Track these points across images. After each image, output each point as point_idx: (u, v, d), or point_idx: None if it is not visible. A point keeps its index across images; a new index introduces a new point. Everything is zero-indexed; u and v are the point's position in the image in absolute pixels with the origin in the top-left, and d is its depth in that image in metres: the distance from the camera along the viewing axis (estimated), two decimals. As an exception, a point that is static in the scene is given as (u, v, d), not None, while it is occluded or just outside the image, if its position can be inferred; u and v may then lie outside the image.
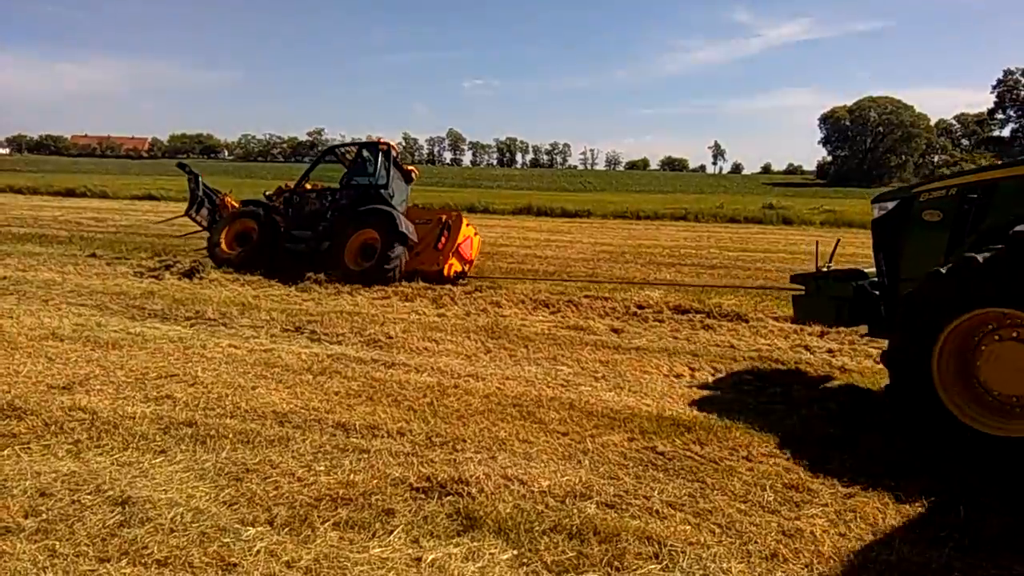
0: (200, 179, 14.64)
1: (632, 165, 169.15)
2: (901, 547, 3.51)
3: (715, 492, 4.12)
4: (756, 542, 3.53)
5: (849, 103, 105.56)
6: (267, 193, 13.93)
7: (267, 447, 4.59)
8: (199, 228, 14.60)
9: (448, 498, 3.91)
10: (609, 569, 3.26)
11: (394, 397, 5.67)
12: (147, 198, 34.66)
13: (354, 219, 11.75)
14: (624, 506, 3.89)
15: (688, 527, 3.67)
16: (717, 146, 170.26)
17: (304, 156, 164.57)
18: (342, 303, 9.55)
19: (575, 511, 3.78)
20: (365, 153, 12.69)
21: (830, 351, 7.68)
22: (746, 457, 4.66)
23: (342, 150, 13.58)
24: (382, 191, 12.14)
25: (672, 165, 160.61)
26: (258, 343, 7.33)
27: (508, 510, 3.74)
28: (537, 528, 3.58)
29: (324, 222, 12.23)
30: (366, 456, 4.46)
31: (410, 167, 13.70)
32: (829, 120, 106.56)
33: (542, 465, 4.43)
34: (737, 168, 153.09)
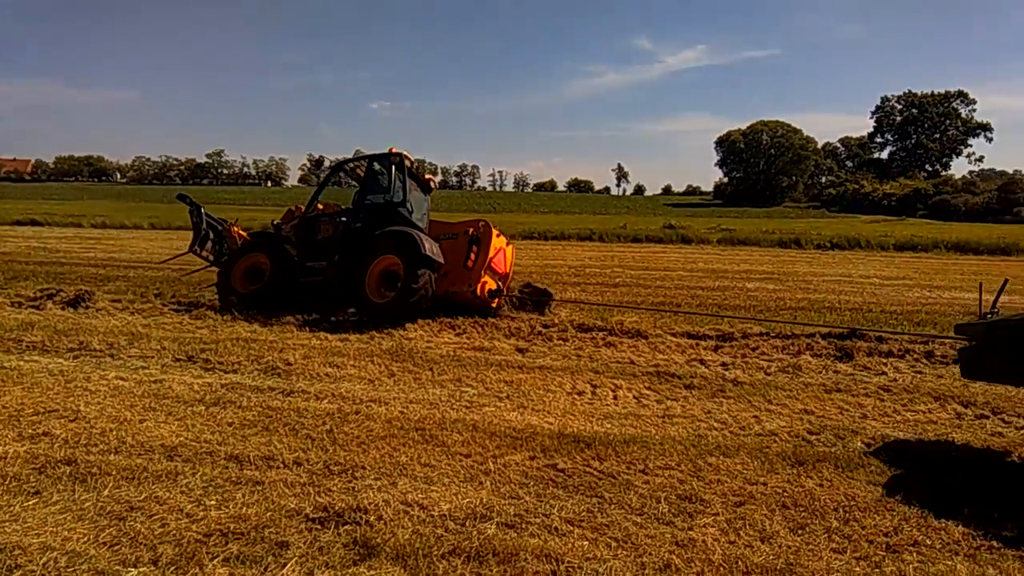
0: (203, 211, 12.85)
1: (540, 187, 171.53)
2: (787, 552, 3.67)
3: (612, 506, 4.20)
4: (650, 553, 3.61)
5: (743, 127, 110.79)
6: (275, 222, 12.41)
7: (154, 483, 4.37)
8: (206, 264, 12.96)
9: (345, 527, 3.83)
10: (507, 589, 3.26)
11: (291, 426, 5.52)
12: (30, 223, 32.66)
13: (371, 244, 10.33)
14: (524, 525, 3.91)
15: (586, 542, 3.72)
16: (620, 168, 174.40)
17: (203, 178, 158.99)
18: (239, 330, 9.22)
19: (474, 533, 3.77)
20: (376, 167, 11.37)
21: (723, 364, 7.98)
22: (643, 471, 4.78)
23: (350, 166, 12.05)
24: (400, 209, 10.74)
25: (578, 187, 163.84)
26: (147, 374, 6.99)
27: (407, 536, 3.70)
28: (436, 552, 3.54)
29: (338, 251, 10.81)
30: (260, 488, 4.31)
31: (429, 176, 12.30)
32: (725, 143, 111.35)
33: (443, 488, 4.40)
34: (640, 190, 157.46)
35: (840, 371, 7.71)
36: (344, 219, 11.10)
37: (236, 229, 12.65)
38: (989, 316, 5.54)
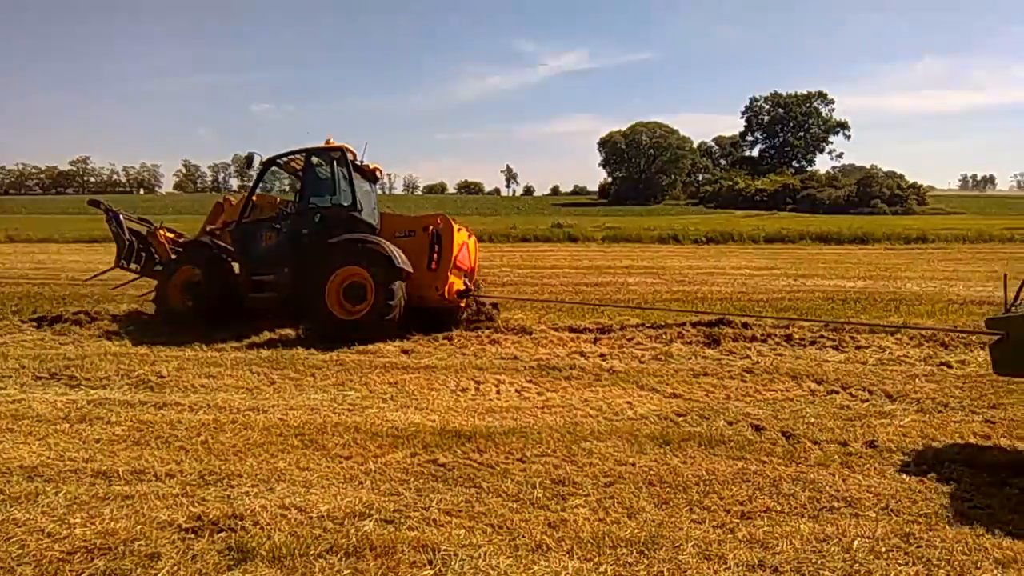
0: (121, 218, 11.55)
1: (430, 189, 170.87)
2: (651, 524, 3.91)
3: (490, 495, 4.33)
4: (524, 536, 3.77)
5: (624, 128, 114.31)
6: (209, 227, 11.18)
7: (11, 505, 4.14)
8: (135, 277, 11.64)
9: (220, 535, 3.77)
10: (383, 581, 3.32)
11: (164, 439, 5.35)
12: None
13: (329, 255, 9.40)
14: (402, 519, 3.98)
15: (463, 531, 3.83)
16: (509, 170, 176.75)
17: (67, 187, 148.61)
18: (107, 344, 8.78)
19: (352, 531, 3.81)
20: (315, 161, 10.27)
21: (602, 355, 8.30)
22: (520, 459, 4.94)
23: (284, 159, 10.58)
24: (354, 214, 9.88)
25: (468, 188, 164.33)
26: (4, 395, 6.57)
27: (283, 538, 3.69)
28: (312, 552, 3.56)
29: (287, 262, 9.81)
30: (130, 502, 4.18)
31: (374, 165, 10.94)
32: (607, 144, 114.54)
33: (322, 491, 4.40)
34: (529, 190, 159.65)
35: (708, 356, 8.19)
36: (285, 224, 10.12)
37: (163, 233, 11.44)
38: (1013, 309, 5.27)
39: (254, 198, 10.65)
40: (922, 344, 8.46)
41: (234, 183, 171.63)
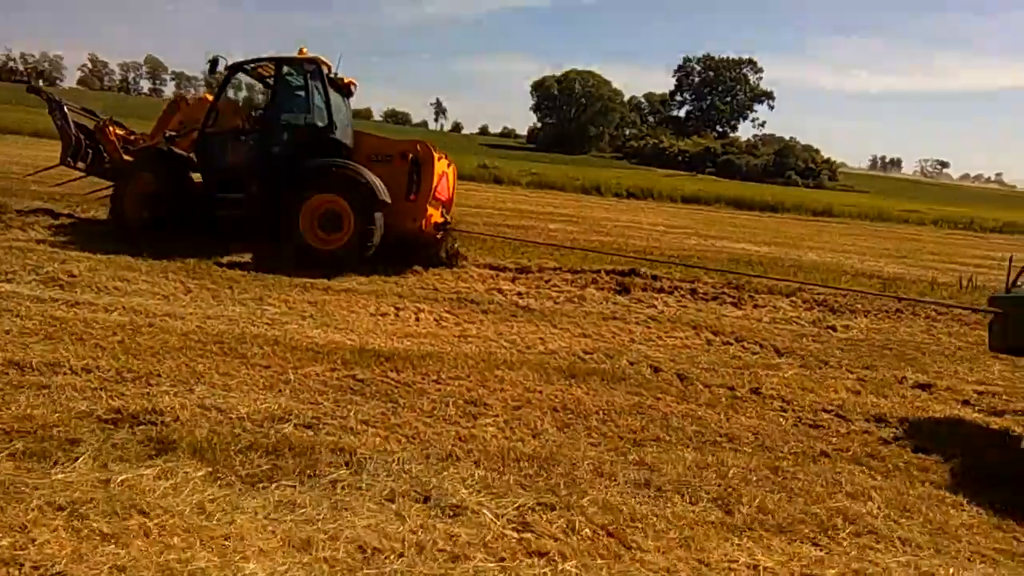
0: (65, 108, 10.53)
1: (355, 114, 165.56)
2: (552, 444, 4.26)
3: (405, 410, 4.59)
4: (436, 447, 4.05)
5: (559, 74, 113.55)
6: (168, 133, 10.21)
7: (-81, 389, 4.12)
8: (80, 175, 10.95)
9: (140, 427, 3.89)
10: (302, 476, 3.54)
11: (79, 336, 5.33)
12: None
13: (304, 180, 8.91)
14: (321, 426, 4.19)
15: (378, 439, 4.08)
16: (439, 103, 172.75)
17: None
18: (12, 237, 8.48)
19: (272, 432, 3.99)
20: (286, 71, 9.56)
21: (519, 294, 8.61)
22: (436, 380, 5.20)
23: (252, 66, 9.91)
24: (332, 135, 9.35)
25: (395, 118, 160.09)
26: (-99, 281, 6.33)
27: (204, 434, 3.84)
28: (233, 448, 3.74)
29: (256, 180, 9.19)
30: (46, 391, 4.22)
31: (349, 79, 10.20)
32: (540, 88, 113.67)
33: (242, 395, 4.54)
34: (457, 127, 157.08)
35: (618, 303, 8.62)
36: (254, 138, 9.48)
37: (113, 129, 10.62)
38: (1015, 289, 5.46)
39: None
40: (813, 308, 9.14)
41: (145, 85, 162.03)
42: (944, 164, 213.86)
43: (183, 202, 9.40)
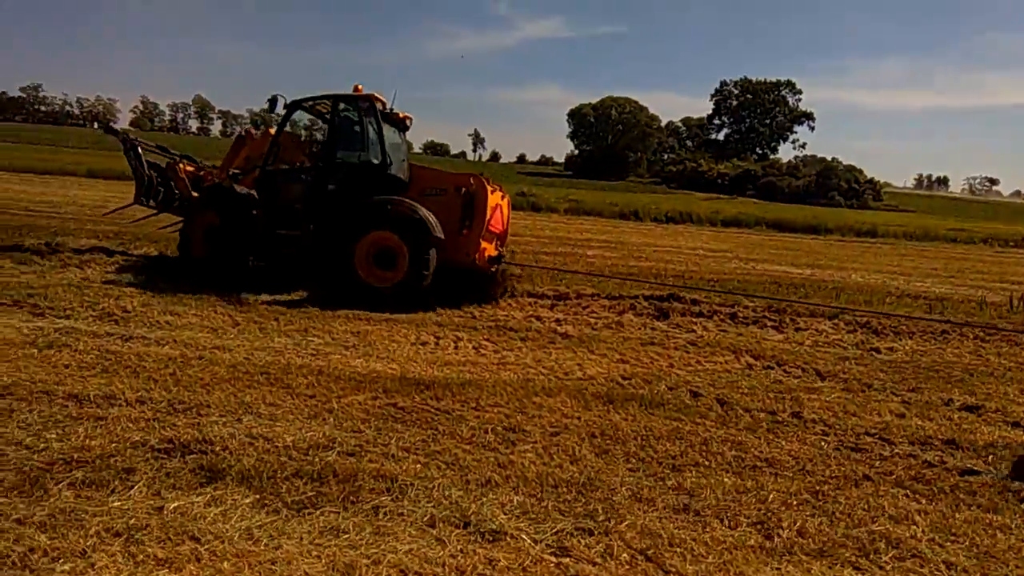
0: (140, 149, 10.79)
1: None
2: (590, 470, 4.30)
3: (445, 437, 4.67)
4: (475, 473, 4.12)
5: (594, 101, 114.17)
6: (232, 170, 10.48)
7: (-14, 421, 4.34)
8: (152, 213, 11.24)
9: (191, 456, 4.04)
10: (345, 503, 3.64)
11: (132, 368, 5.55)
12: None
13: (359, 218, 8.99)
14: (363, 453, 4.29)
15: (419, 465, 4.17)
16: (477, 134, 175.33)
17: (15, 114, 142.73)
18: (69, 276, 8.86)
19: (317, 460, 4.11)
20: (342, 108, 9.69)
21: (557, 321, 8.67)
22: (475, 408, 5.28)
23: (310, 103, 10.05)
24: (388, 171, 9.41)
25: (435, 149, 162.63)
26: (-32, 319, 6.67)
27: (252, 463, 3.97)
28: (280, 475, 3.86)
29: (312, 217, 9.35)
30: (103, 423, 4.41)
31: (404, 114, 10.35)
32: (576, 115, 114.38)
33: (287, 424, 4.68)
34: (495, 156, 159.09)
35: (656, 328, 8.62)
36: (311, 175, 9.66)
37: (184, 167, 10.87)
38: None
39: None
40: (856, 330, 9.01)
41: (193, 124, 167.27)
42: (994, 181, 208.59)
43: (245, 240, 9.51)
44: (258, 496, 3.63)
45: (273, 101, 9.64)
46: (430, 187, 9.60)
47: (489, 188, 9.52)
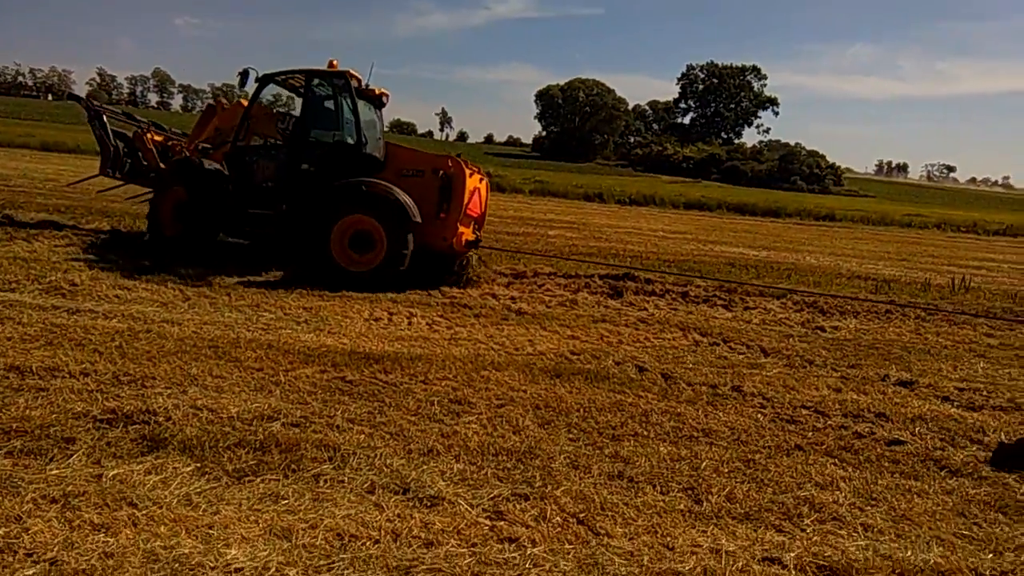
0: (104, 117, 10.47)
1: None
2: (532, 440, 4.40)
3: (391, 409, 4.73)
4: (418, 443, 4.19)
5: (563, 82, 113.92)
6: (200, 143, 10.18)
7: (-77, 392, 4.30)
8: (118, 184, 10.95)
9: (134, 426, 4.05)
10: (286, 471, 3.69)
11: (78, 341, 5.51)
12: None
13: (335, 200, 8.77)
14: (308, 424, 4.34)
15: (363, 436, 4.23)
16: (444, 113, 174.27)
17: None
18: (16, 249, 8.69)
19: (260, 430, 4.14)
20: (316, 84, 9.45)
21: (512, 299, 8.76)
22: (423, 381, 5.35)
23: (282, 77, 9.69)
24: (363, 151, 9.18)
25: (401, 128, 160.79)
26: (-92, 291, 6.53)
27: (195, 432, 3.99)
28: (222, 444, 3.89)
29: (285, 197, 9.13)
30: (44, 394, 4.38)
31: (381, 90, 9.98)
32: (544, 97, 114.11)
33: (233, 396, 4.70)
34: (463, 136, 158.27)
35: (609, 306, 8.77)
36: (284, 154, 9.43)
37: (152, 136, 10.51)
38: None
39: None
40: (803, 310, 9.26)
41: (153, 98, 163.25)
42: (951, 168, 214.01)
43: (214, 216, 9.38)
44: (199, 464, 3.66)
45: (244, 75, 9.38)
46: (407, 168, 9.34)
47: (467, 171, 9.32)
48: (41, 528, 2.96)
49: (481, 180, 9.91)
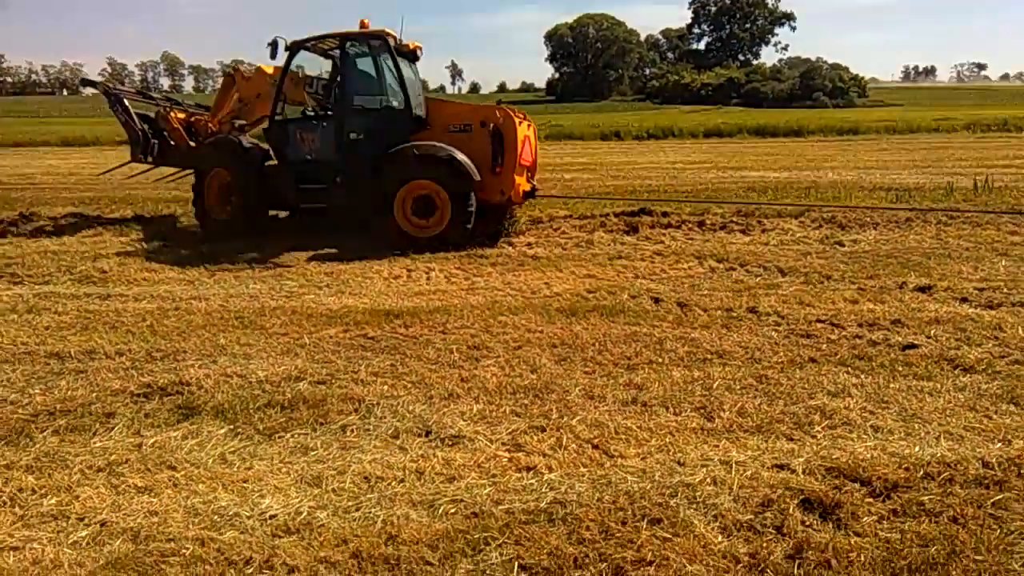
0: (125, 100, 10.33)
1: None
2: (548, 376, 4.54)
3: (413, 360, 4.90)
4: (439, 389, 4.36)
5: (571, 20, 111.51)
6: (238, 122, 10.06)
7: (-28, 383, 4.57)
8: (149, 167, 10.94)
9: (169, 397, 4.28)
10: (314, 425, 3.89)
11: (111, 324, 5.76)
12: None
13: (394, 167, 8.62)
14: (333, 381, 4.53)
15: (386, 387, 4.40)
16: (454, 65, 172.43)
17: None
18: (45, 243, 9.00)
19: (288, 390, 4.34)
20: (353, 51, 9.15)
21: (528, 244, 8.86)
22: (442, 331, 5.51)
23: (313, 43, 9.43)
24: (414, 115, 9.04)
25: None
26: (-50, 293, 6.84)
27: (226, 398, 4.21)
28: (252, 406, 4.10)
29: (338, 169, 8.98)
30: (84, 375, 4.63)
31: (415, 44, 9.58)
32: (553, 37, 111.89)
33: (261, 361, 4.90)
34: (475, 88, 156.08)
35: (626, 243, 8.82)
36: (328, 124, 9.20)
37: (175, 115, 10.43)
38: None
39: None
40: (821, 226, 9.20)
41: (164, 83, 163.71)
42: (982, 66, 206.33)
43: (264, 195, 9.34)
44: (232, 426, 3.87)
45: (275, 45, 9.11)
46: (453, 123, 9.07)
47: (516, 119, 9.08)
48: (90, 495, 3.19)
49: (530, 127, 9.61)
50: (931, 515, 2.91)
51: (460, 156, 8.59)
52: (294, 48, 9.26)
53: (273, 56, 9.23)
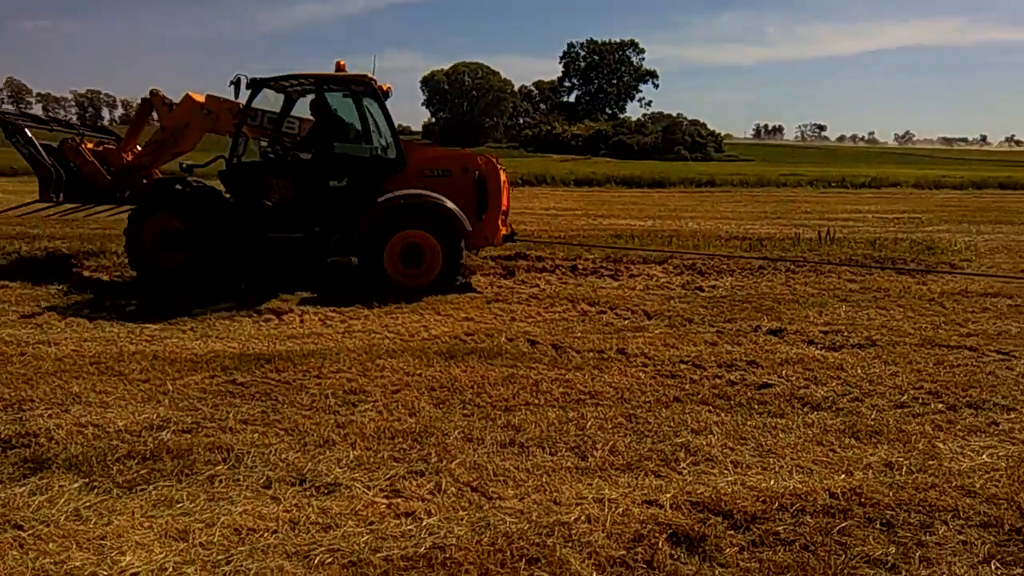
0: (29, 133, 8.95)
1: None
2: (427, 420, 4.54)
3: (285, 406, 4.76)
4: (314, 435, 4.26)
5: (447, 67, 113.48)
6: (185, 163, 9.30)
7: None
8: (53, 203, 9.25)
9: (14, 451, 3.94)
10: (180, 476, 3.70)
11: (-56, 372, 5.25)
12: None
13: (384, 219, 8.33)
14: (199, 429, 4.33)
15: (257, 434, 4.25)
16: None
17: None
18: None
19: (150, 440, 4.11)
20: (331, 94, 8.77)
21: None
22: (317, 376, 5.39)
23: (284, 83, 8.93)
24: (390, 158, 8.75)
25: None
26: None
27: (80, 450, 3.93)
28: (110, 458, 3.84)
29: (317, 219, 8.56)
30: (-91, 430, 4.19)
31: (386, 85, 9.31)
32: (430, 83, 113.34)
33: (119, 410, 4.61)
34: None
35: (503, 286, 9.00)
36: (304, 172, 8.73)
37: (86, 145, 9.26)
38: None
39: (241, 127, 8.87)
40: (683, 272, 9.77)
41: (7, 108, 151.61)
42: (822, 127, 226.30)
43: (225, 245, 8.59)
44: (86, 480, 3.61)
45: (237, 83, 8.54)
46: (431, 168, 8.79)
47: (499, 167, 9.01)
48: (-82, 562, 2.89)
49: (503, 171, 9.39)
50: (785, 544, 3.14)
51: (451, 206, 8.43)
52: (256, 85, 8.73)
53: (236, 95, 8.70)
